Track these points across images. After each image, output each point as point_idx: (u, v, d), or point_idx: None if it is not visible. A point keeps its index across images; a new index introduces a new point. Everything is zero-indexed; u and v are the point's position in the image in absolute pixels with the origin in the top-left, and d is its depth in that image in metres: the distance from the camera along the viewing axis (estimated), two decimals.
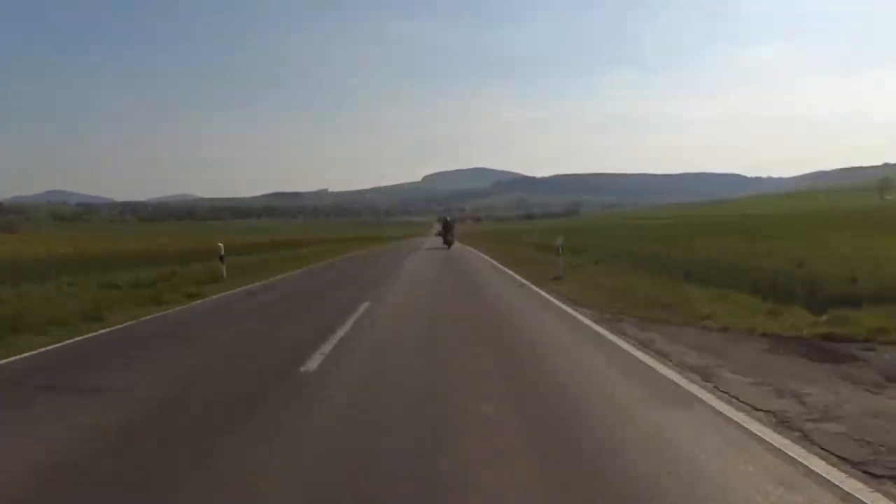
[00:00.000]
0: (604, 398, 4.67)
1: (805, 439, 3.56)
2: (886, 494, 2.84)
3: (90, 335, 7.97)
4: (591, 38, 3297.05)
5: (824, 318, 6.83)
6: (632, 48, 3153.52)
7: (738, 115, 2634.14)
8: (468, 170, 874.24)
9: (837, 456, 3.29)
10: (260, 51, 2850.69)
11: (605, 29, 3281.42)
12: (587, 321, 8.24)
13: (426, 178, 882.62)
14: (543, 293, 11.77)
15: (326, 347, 6.55)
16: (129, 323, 9.02)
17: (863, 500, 2.79)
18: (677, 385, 4.90)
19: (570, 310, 9.40)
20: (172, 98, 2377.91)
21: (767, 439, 3.56)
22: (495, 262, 22.02)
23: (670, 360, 5.69)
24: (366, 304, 10.23)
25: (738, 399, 4.40)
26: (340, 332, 7.49)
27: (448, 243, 32.33)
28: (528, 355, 6.37)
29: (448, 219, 37.05)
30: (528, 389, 4.97)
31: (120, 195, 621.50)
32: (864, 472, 3.09)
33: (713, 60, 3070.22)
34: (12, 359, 6.46)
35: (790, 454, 3.31)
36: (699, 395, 4.56)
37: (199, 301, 11.95)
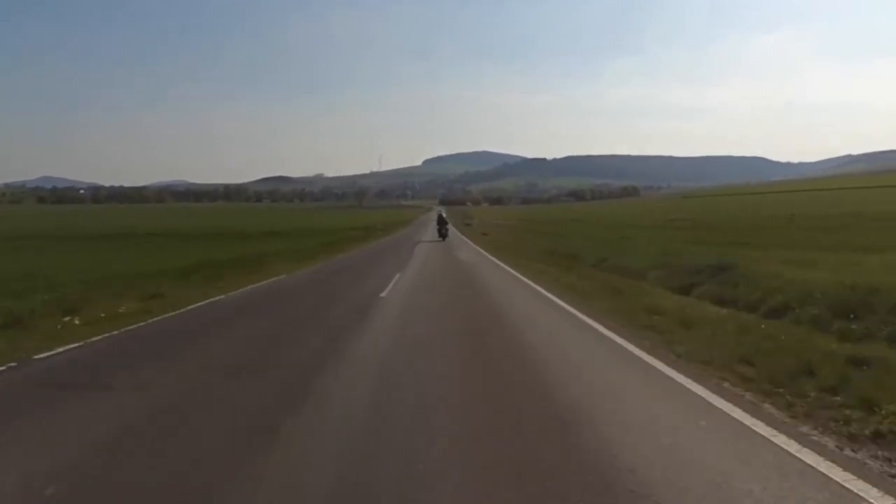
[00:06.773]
0: None
1: None
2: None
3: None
4: (596, 22, 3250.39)
5: None
6: (638, 34, 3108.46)
7: (756, 101, 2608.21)
8: (471, 153, 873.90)
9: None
10: (256, 31, 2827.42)
11: (611, 13, 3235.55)
12: None
13: (426, 161, 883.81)
14: None
15: None
16: None
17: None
18: None
19: None
20: (166, 83, 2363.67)
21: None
22: None
23: None
24: None
25: None
26: None
27: (443, 236, 40.28)
28: None
29: (442, 214, 47.89)
30: None
31: (113, 180, 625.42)
32: None
33: (724, 46, 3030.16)
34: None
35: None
36: None
37: None
